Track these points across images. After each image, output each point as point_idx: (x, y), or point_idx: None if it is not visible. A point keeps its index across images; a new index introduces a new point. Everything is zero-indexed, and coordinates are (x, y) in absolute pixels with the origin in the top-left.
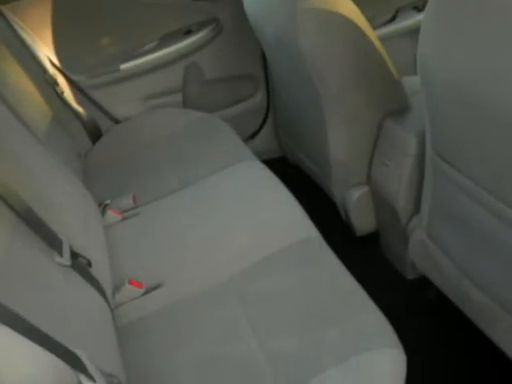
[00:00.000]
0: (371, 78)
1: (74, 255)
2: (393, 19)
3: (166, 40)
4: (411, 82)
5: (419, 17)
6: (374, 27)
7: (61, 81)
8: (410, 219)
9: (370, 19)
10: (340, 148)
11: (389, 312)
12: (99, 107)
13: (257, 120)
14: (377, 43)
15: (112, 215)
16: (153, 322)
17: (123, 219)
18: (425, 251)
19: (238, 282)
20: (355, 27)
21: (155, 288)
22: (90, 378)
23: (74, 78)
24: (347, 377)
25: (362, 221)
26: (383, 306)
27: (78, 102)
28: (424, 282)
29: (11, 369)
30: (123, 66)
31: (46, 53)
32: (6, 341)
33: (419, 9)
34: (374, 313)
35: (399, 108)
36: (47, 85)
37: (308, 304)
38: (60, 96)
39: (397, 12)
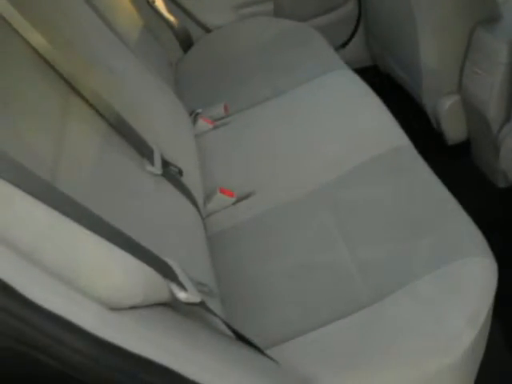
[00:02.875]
0: None
1: (165, 164)
2: None
3: None
4: None
5: None
6: None
7: None
8: (502, 128)
9: None
10: (431, 56)
11: (480, 221)
12: (190, 16)
13: (348, 29)
14: None
15: (203, 124)
16: (244, 230)
17: (214, 128)
18: None
19: (329, 190)
20: None
21: (246, 197)
22: (181, 286)
23: None
24: (438, 285)
25: (454, 129)
26: (474, 214)
27: (169, 11)
28: None
29: (102, 277)
30: None
31: None
32: (96, 249)
33: None
34: (466, 222)
35: (490, 17)
36: None
37: (399, 213)
38: (151, 4)
39: None
